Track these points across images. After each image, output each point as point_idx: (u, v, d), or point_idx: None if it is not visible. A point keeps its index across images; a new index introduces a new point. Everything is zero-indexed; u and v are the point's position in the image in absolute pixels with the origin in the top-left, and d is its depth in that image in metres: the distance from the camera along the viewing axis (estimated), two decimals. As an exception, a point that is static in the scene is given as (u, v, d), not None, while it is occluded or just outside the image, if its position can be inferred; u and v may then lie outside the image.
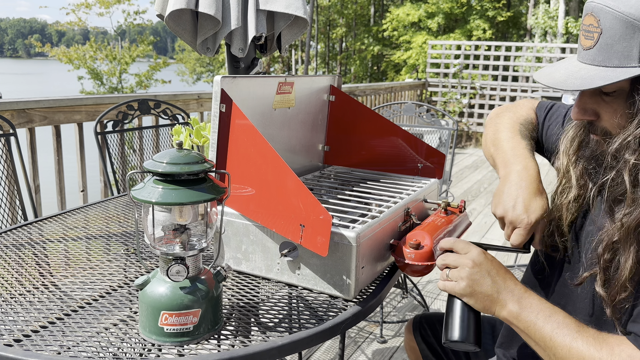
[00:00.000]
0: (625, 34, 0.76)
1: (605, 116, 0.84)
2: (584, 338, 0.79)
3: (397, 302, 2.86)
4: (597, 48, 0.80)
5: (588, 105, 0.86)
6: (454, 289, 0.89)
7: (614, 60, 0.78)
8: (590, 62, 0.82)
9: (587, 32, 0.81)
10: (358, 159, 1.53)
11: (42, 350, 0.81)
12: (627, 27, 0.76)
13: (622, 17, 0.76)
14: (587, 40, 0.82)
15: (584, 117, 0.87)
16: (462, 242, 0.92)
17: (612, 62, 0.79)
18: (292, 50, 18.19)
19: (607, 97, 0.83)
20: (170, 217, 0.85)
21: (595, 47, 0.80)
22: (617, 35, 0.77)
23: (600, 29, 0.79)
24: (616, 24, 0.76)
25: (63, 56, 13.84)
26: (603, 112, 0.85)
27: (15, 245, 1.27)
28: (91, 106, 2.80)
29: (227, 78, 1.06)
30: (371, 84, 6.49)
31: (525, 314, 0.84)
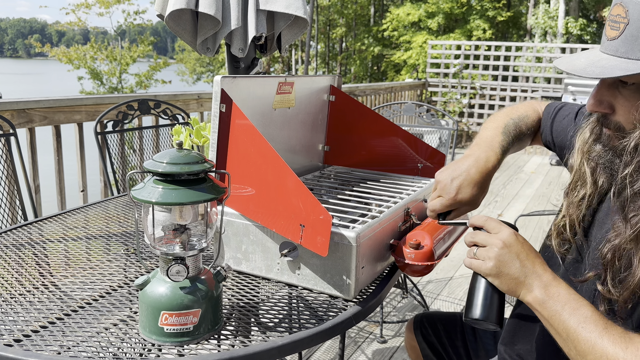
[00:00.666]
0: None
1: (621, 110, 0.84)
2: (611, 336, 0.77)
3: (397, 302, 2.86)
4: (621, 39, 0.79)
5: (605, 97, 0.85)
6: (481, 267, 0.87)
7: (637, 53, 0.77)
8: (613, 53, 0.81)
9: (613, 23, 0.80)
10: (358, 159, 1.53)
11: (42, 350, 0.81)
12: None
13: None
14: (612, 31, 0.80)
15: (599, 108, 0.86)
16: (494, 220, 0.90)
17: (635, 54, 0.78)
18: (292, 50, 18.19)
19: (625, 90, 0.82)
20: (170, 217, 0.85)
21: (620, 37, 0.79)
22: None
23: (627, 20, 0.77)
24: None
25: (63, 56, 13.84)
26: (619, 105, 0.84)
27: (15, 245, 1.27)
28: (91, 106, 2.80)
29: (227, 78, 1.06)
30: (371, 84, 6.49)
31: (552, 303, 0.82)
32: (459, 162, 1.05)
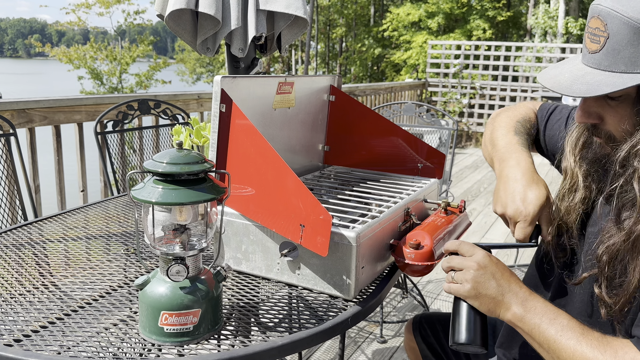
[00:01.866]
0: (633, 40, 0.75)
1: (610, 120, 0.84)
2: (588, 341, 0.78)
3: (397, 302, 2.86)
4: (603, 52, 0.79)
5: (592, 108, 0.86)
6: (459, 290, 0.89)
7: (621, 66, 0.77)
8: (596, 66, 0.80)
9: (593, 36, 0.80)
10: (358, 159, 1.53)
11: (42, 350, 0.81)
12: (635, 33, 0.75)
13: (630, 23, 0.75)
14: (593, 44, 0.81)
15: (588, 120, 0.87)
16: (467, 244, 0.92)
17: (618, 67, 0.78)
18: (292, 50, 18.19)
19: (612, 102, 0.82)
20: (170, 217, 0.85)
21: (602, 51, 0.79)
22: (624, 40, 0.76)
23: (607, 34, 0.77)
24: (624, 29, 0.75)
25: (63, 56, 13.83)
26: (608, 116, 0.84)
27: (15, 245, 1.27)
28: (91, 106, 2.80)
29: (227, 78, 1.06)
30: (371, 84, 6.49)
31: (530, 316, 0.84)
32: (500, 185, 1.00)
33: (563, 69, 0.87)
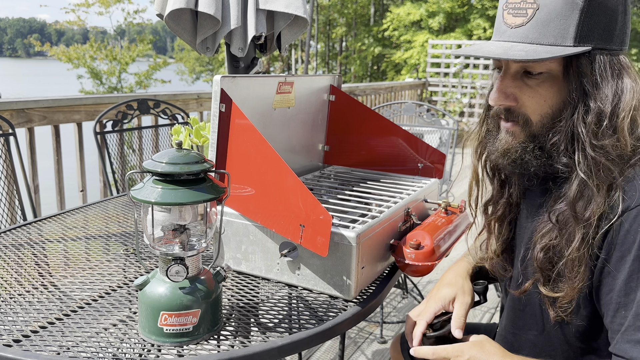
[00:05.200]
0: (564, 11, 0.74)
1: (527, 102, 0.80)
2: None
3: (397, 303, 2.86)
4: (531, 24, 0.76)
5: (510, 89, 0.82)
6: None
7: (550, 38, 0.75)
8: (521, 40, 0.77)
9: (517, 10, 0.77)
10: (358, 159, 1.53)
11: (41, 350, 0.81)
12: (566, 4, 0.73)
13: None
14: (517, 18, 0.77)
15: (505, 101, 0.82)
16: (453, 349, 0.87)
17: (547, 39, 0.75)
18: (292, 49, 18.19)
19: (531, 81, 0.79)
20: (170, 217, 0.84)
21: (529, 23, 0.76)
22: (555, 11, 0.74)
23: (537, 5, 0.75)
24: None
25: (62, 55, 13.81)
26: (525, 96, 0.80)
27: (15, 245, 1.27)
28: (90, 106, 2.80)
29: (226, 78, 1.05)
30: (371, 84, 6.48)
31: None
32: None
33: (482, 45, 0.83)
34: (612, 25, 0.75)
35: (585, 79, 0.75)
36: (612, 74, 0.75)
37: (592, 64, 0.75)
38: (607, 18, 0.75)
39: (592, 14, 0.74)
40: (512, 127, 0.83)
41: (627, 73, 0.76)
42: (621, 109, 0.74)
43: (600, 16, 0.74)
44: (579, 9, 0.73)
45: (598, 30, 0.74)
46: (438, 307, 1.04)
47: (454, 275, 1.09)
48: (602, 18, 0.74)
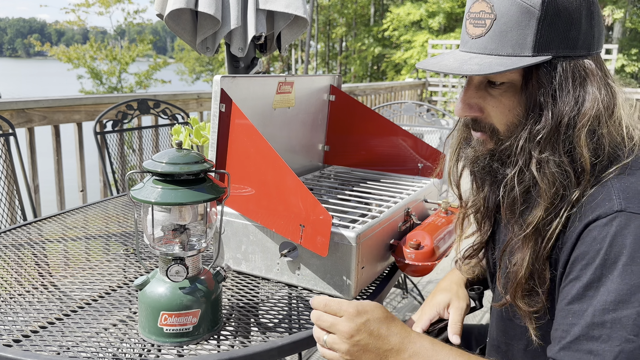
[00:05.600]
0: (520, 21, 0.72)
1: (492, 111, 0.79)
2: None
3: (397, 302, 2.86)
4: (489, 35, 0.75)
5: (473, 99, 0.81)
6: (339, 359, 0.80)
7: (508, 49, 0.74)
8: (481, 51, 0.77)
9: (477, 20, 0.76)
10: (358, 159, 1.53)
11: (41, 350, 0.81)
12: (522, 13, 0.72)
13: (518, 2, 0.72)
14: (477, 28, 0.77)
15: (469, 112, 0.81)
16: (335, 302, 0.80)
17: (505, 50, 0.74)
18: (291, 49, 18.18)
19: (494, 90, 0.78)
20: (170, 217, 0.84)
21: (488, 34, 0.75)
22: (512, 21, 0.73)
23: (495, 15, 0.74)
24: (512, 9, 0.73)
25: (62, 55, 13.81)
26: (489, 107, 0.80)
27: (15, 245, 1.27)
28: (90, 106, 2.80)
29: (226, 78, 1.05)
30: (371, 84, 6.48)
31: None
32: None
33: (444, 56, 0.82)
34: (574, 32, 0.73)
35: (543, 89, 0.74)
36: (573, 83, 0.73)
37: (551, 74, 0.73)
38: (568, 24, 0.72)
39: (551, 22, 0.72)
40: (482, 136, 0.83)
41: (592, 80, 0.74)
42: (579, 120, 0.72)
43: (559, 23, 0.72)
44: (535, 18, 0.72)
45: (558, 38, 0.73)
46: (433, 314, 1.03)
47: (448, 282, 1.09)
48: (562, 25, 0.72)
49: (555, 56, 0.73)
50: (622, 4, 14.21)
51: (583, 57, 0.74)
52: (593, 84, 0.74)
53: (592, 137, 0.73)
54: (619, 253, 0.67)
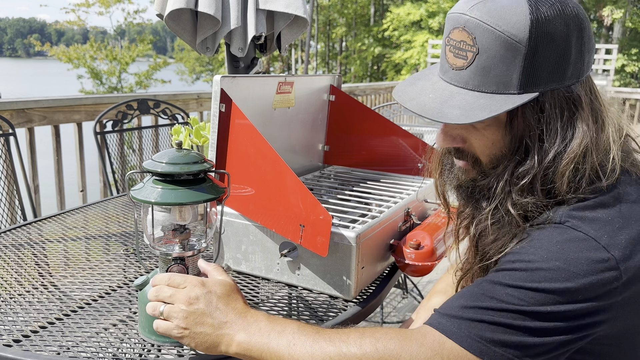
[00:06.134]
0: (505, 57, 0.67)
1: (476, 143, 0.75)
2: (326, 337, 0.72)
3: (397, 302, 2.86)
4: (471, 70, 0.69)
5: (456, 130, 0.77)
6: (170, 331, 0.77)
7: (492, 86, 0.69)
8: (463, 85, 0.71)
9: (457, 50, 0.70)
10: (358, 159, 1.53)
11: (41, 350, 0.81)
12: (507, 49, 0.66)
13: (502, 38, 0.66)
14: (458, 59, 0.71)
15: (452, 144, 0.78)
16: (179, 276, 0.80)
17: (489, 87, 0.69)
18: (291, 49, 18.19)
19: (479, 124, 0.73)
20: (170, 217, 0.84)
21: (470, 68, 0.69)
22: (496, 57, 0.67)
23: (477, 49, 0.68)
24: (496, 44, 0.66)
25: (62, 55, 13.82)
26: (473, 139, 0.75)
27: (15, 245, 1.27)
28: (90, 106, 2.80)
29: (226, 78, 1.05)
30: (371, 84, 6.48)
31: (256, 339, 0.74)
32: None
33: (423, 87, 0.76)
34: (564, 62, 0.68)
35: (529, 130, 0.70)
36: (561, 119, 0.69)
37: (538, 113, 0.69)
38: (557, 57, 0.67)
39: (538, 57, 0.66)
40: (465, 165, 0.80)
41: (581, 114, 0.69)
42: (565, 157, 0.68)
43: (548, 57, 0.67)
44: (522, 55, 0.66)
45: (546, 72, 0.67)
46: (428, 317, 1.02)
47: (444, 284, 1.08)
48: (551, 58, 0.67)
49: (542, 91, 0.68)
50: (622, 4, 14.21)
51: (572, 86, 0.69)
52: (582, 117, 0.69)
53: (576, 174, 0.69)
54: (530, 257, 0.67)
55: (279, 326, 0.75)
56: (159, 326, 0.78)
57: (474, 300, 0.68)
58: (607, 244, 0.64)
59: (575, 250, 0.65)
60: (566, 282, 0.64)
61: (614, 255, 0.64)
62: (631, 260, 0.65)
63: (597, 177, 0.70)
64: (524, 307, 0.65)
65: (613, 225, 0.66)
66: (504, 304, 0.66)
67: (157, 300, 0.78)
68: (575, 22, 0.67)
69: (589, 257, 0.64)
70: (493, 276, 0.69)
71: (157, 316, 0.78)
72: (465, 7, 0.70)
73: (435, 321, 0.70)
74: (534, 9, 0.66)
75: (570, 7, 0.67)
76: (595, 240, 0.65)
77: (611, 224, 0.66)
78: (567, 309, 0.64)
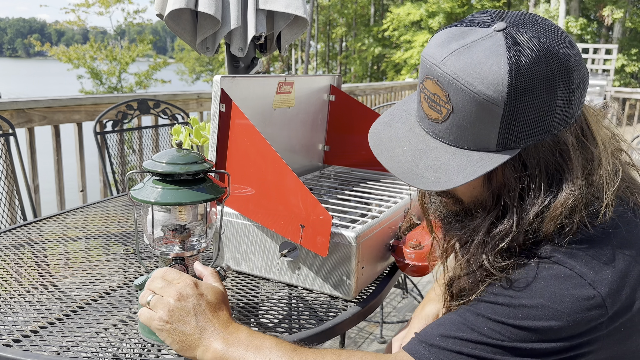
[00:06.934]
0: (482, 117, 0.62)
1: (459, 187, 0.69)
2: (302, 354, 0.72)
3: (397, 302, 2.86)
4: (446, 125, 0.65)
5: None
6: (151, 321, 0.76)
7: (469, 143, 0.65)
8: (440, 138, 0.67)
9: (432, 102, 0.66)
10: (358, 159, 1.53)
11: (41, 350, 0.81)
12: (484, 111, 0.61)
13: (477, 99, 0.61)
14: (432, 111, 0.66)
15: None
16: (174, 271, 0.80)
17: (466, 144, 0.65)
18: (291, 49, 18.19)
19: None
20: (170, 217, 0.84)
21: (444, 124, 0.65)
22: (471, 117, 0.62)
23: (451, 106, 0.63)
24: (471, 105, 0.61)
25: (62, 55, 13.83)
26: None
27: (15, 245, 1.27)
28: (90, 106, 2.80)
29: (226, 78, 1.05)
30: (371, 84, 6.48)
31: (232, 349, 0.73)
32: None
33: (399, 133, 0.73)
34: (548, 115, 0.62)
35: (508, 189, 0.66)
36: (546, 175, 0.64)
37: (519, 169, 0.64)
38: (541, 110, 0.61)
39: (518, 115, 0.61)
40: (446, 201, 0.77)
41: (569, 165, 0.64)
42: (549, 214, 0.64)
43: (529, 114, 0.61)
44: (500, 117, 0.61)
45: (528, 128, 0.62)
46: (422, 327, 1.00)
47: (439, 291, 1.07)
48: (533, 114, 0.61)
49: (525, 147, 0.63)
50: (622, 3, 14.21)
51: (558, 134, 0.63)
52: (570, 168, 0.64)
53: (561, 231, 0.64)
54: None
55: (258, 340, 0.74)
56: (141, 314, 0.78)
57: (454, 330, 0.67)
58: (593, 281, 0.61)
59: (560, 287, 0.62)
60: (550, 320, 0.61)
61: (600, 292, 0.61)
62: (618, 295, 0.62)
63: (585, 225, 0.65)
64: (505, 342, 0.63)
65: (600, 260, 0.63)
66: (484, 337, 0.64)
67: (148, 289, 0.79)
68: (562, 69, 0.60)
69: (573, 295, 0.61)
70: (475, 307, 0.67)
71: (144, 305, 0.78)
72: (439, 56, 0.63)
73: (413, 348, 0.69)
74: (514, 62, 0.59)
75: (555, 53, 0.60)
76: (580, 277, 0.62)
77: (598, 258, 0.63)
78: (549, 347, 0.62)
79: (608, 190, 0.66)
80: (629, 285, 0.63)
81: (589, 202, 0.66)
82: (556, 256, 0.64)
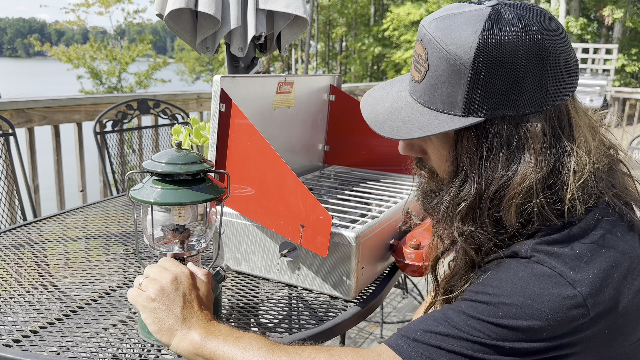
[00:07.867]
0: (450, 77, 0.65)
1: (432, 157, 0.75)
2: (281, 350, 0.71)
3: (397, 303, 2.86)
4: (423, 85, 0.69)
5: (415, 140, 0.76)
6: (137, 298, 0.77)
7: (439, 104, 0.67)
8: (417, 99, 0.71)
9: (416, 63, 0.70)
10: (358, 159, 1.53)
11: (41, 350, 0.81)
12: (452, 70, 0.64)
13: (448, 57, 0.64)
14: (416, 72, 0.70)
15: (410, 153, 0.78)
16: (172, 260, 0.82)
17: (436, 105, 0.68)
18: (291, 49, 18.20)
19: (434, 137, 0.72)
20: (170, 217, 0.84)
21: (422, 83, 0.69)
22: (442, 76, 0.66)
23: (428, 65, 0.67)
24: (442, 63, 0.65)
25: (62, 55, 13.82)
26: (430, 151, 0.75)
27: (15, 245, 1.27)
28: (90, 106, 2.80)
29: (226, 77, 1.05)
30: (371, 84, 6.49)
31: (211, 340, 0.73)
32: None
33: (389, 92, 0.77)
34: (515, 91, 0.63)
35: (470, 155, 0.67)
36: (507, 149, 0.65)
37: (480, 139, 0.66)
38: (507, 83, 0.63)
39: (484, 82, 0.63)
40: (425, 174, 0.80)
41: (530, 147, 0.65)
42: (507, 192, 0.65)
43: (495, 83, 0.63)
44: (465, 78, 0.64)
45: (494, 99, 0.64)
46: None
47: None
48: (499, 84, 0.63)
49: (490, 118, 0.65)
50: (622, 3, 14.21)
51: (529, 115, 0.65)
52: (531, 151, 0.65)
53: (523, 211, 0.66)
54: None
55: (237, 333, 0.75)
56: (129, 294, 0.79)
57: (435, 325, 0.67)
58: (574, 280, 0.62)
59: (540, 286, 0.62)
60: (530, 319, 0.61)
61: (581, 291, 0.61)
62: (600, 295, 0.62)
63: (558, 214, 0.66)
64: (485, 340, 0.63)
65: (581, 260, 0.63)
66: (465, 334, 0.64)
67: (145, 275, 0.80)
68: (535, 50, 0.62)
69: (554, 294, 0.61)
70: (457, 304, 0.68)
71: (137, 286, 0.79)
72: (428, 19, 0.69)
73: (393, 342, 0.69)
74: (486, 31, 0.62)
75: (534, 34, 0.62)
76: (560, 276, 0.62)
77: (579, 258, 0.63)
78: (529, 347, 0.62)
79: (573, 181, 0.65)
80: (612, 286, 0.63)
81: (548, 187, 0.66)
82: (537, 256, 0.65)
